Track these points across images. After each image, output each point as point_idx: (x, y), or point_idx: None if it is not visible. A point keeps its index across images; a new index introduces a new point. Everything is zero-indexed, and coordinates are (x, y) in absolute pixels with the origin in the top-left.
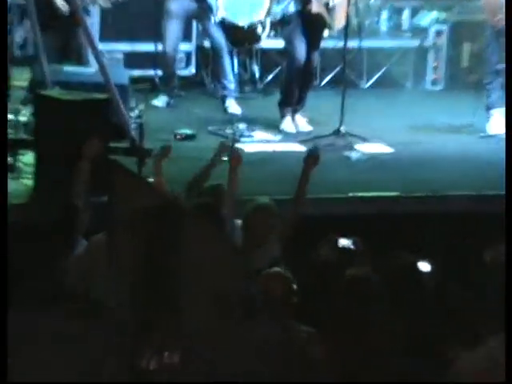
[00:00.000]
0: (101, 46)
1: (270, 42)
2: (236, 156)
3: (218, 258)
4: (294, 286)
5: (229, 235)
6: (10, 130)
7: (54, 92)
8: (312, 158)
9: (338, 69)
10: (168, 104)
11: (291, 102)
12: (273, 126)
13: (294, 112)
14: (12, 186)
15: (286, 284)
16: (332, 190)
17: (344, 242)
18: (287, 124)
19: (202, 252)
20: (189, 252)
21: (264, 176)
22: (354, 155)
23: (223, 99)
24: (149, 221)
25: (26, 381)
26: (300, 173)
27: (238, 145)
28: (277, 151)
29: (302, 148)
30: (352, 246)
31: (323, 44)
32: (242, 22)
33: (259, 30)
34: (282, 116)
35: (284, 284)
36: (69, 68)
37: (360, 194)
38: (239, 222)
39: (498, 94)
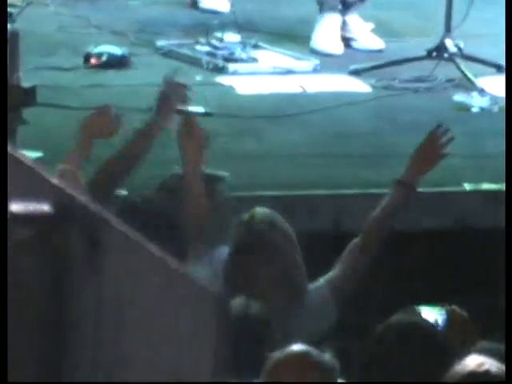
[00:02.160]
0: None
1: None
2: (189, 124)
3: (167, 316)
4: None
5: (196, 272)
6: None
7: None
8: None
9: None
10: None
11: None
12: (298, 38)
13: (347, 7)
14: None
15: (317, 377)
16: (430, 178)
17: (432, 313)
18: (329, 34)
19: (137, 303)
20: (114, 303)
21: (281, 144)
22: (476, 102)
23: None
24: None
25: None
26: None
27: (221, 79)
28: (307, 93)
29: (362, 86)
30: (442, 320)
31: None
32: None
33: None
34: (321, 10)
35: (313, 377)
36: None
37: (489, 187)
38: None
39: None
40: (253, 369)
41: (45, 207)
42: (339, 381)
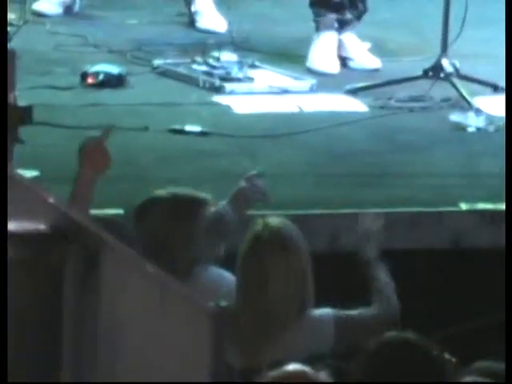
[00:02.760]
0: None
1: None
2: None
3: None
4: None
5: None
6: None
7: None
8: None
9: None
10: (69, 9)
11: (335, 2)
12: (295, 57)
13: (343, 26)
14: None
15: None
16: (426, 198)
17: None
18: (325, 53)
19: (134, 320)
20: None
21: (277, 163)
22: (472, 122)
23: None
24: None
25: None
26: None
27: (218, 99)
28: (304, 112)
29: (359, 106)
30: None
31: None
32: None
33: None
34: (317, 29)
35: None
36: None
37: (485, 206)
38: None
39: None
40: None
41: (41, 226)
42: None
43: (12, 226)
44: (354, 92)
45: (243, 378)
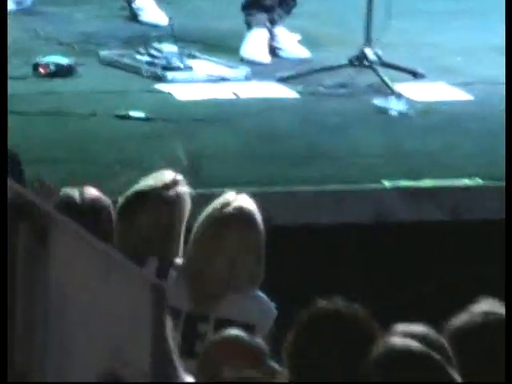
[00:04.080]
0: None
1: None
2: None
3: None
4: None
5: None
6: None
7: None
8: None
9: None
10: (20, 5)
11: (265, 4)
12: (229, 48)
13: (274, 21)
14: None
15: (249, 359)
16: (352, 176)
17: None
18: (257, 45)
19: (81, 289)
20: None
21: (215, 145)
22: (393, 106)
23: None
24: None
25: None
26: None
27: (160, 86)
28: (240, 99)
29: (290, 92)
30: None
31: None
32: None
33: None
34: (249, 27)
35: (245, 358)
36: None
37: (406, 183)
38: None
39: None
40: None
41: None
42: (269, 363)
43: None
44: (285, 80)
45: (188, 323)
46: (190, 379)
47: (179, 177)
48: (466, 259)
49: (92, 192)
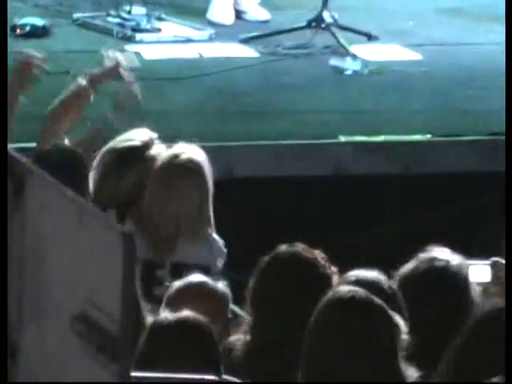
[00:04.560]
0: None
1: None
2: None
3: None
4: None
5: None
6: None
7: None
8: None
9: None
10: None
11: None
12: (195, 10)
13: None
14: None
15: (213, 303)
16: (310, 132)
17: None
18: (223, 8)
19: (55, 236)
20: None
21: (181, 102)
22: (349, 66)
23: None
24: None
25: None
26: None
27: (130, 47)
28: (205, 58)
29: (251, 53)
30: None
31: None
32: None
33: None
34: None
35: (208, 302)
36: None
37: (361, 139)
38: None
39: None
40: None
41: None
42: (231, 307)
43: None
44: (247, 41)
45: (146, 269)
46: (151, 319)
47: (153, 135)
48: (416, 210)
49: (66, 145)
